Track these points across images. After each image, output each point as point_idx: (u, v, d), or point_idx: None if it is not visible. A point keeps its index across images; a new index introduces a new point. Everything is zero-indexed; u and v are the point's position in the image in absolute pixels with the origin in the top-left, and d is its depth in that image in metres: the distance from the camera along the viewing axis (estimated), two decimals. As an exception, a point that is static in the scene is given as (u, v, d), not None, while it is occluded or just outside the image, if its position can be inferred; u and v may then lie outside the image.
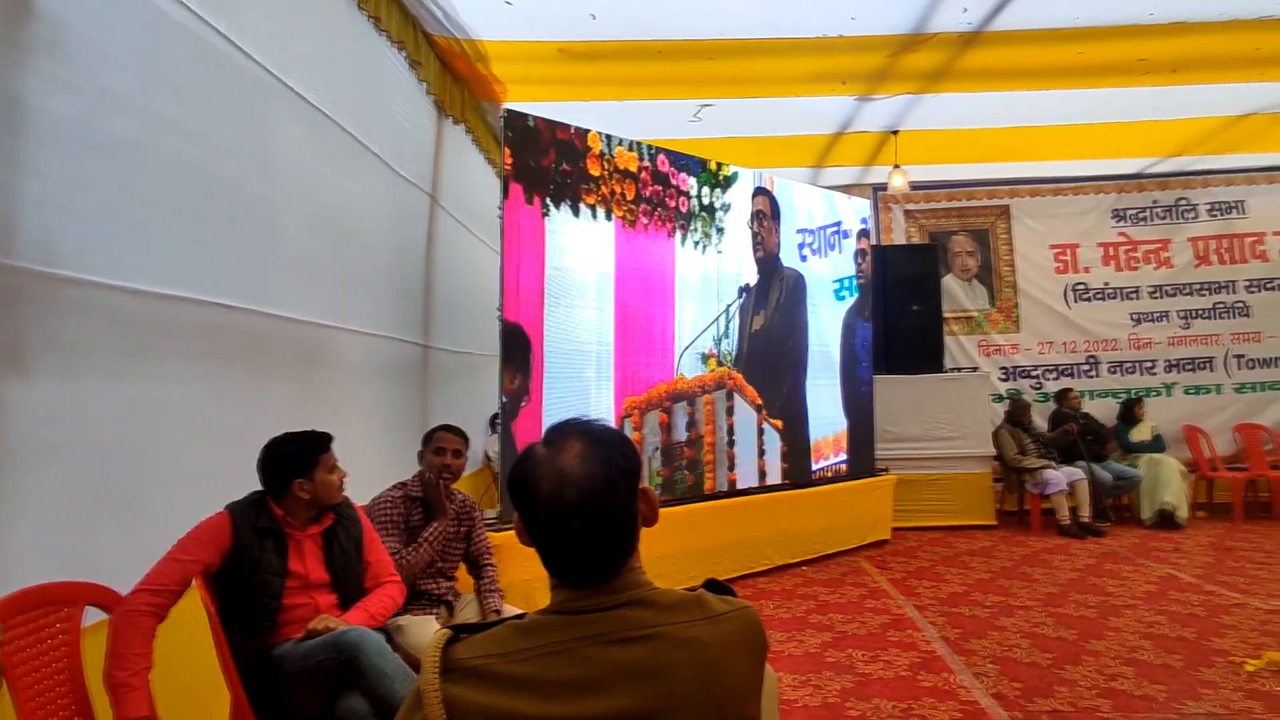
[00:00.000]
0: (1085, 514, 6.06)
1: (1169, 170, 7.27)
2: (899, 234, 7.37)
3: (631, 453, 1.03)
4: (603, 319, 4.52)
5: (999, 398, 6.97)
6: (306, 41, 3.13)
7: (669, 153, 4.93)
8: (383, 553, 2.45)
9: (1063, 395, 6.82)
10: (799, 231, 5.71)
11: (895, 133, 6.11)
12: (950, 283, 7.29)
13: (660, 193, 4.84)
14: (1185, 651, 3.48)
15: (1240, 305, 7.21)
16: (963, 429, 6.32)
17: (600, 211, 4.51)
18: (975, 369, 7.06)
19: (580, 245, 4.41)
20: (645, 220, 4.73)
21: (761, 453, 5.25)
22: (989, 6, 4.33)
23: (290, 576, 2.16)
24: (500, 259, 4.02)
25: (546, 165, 4.26)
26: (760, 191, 5.49)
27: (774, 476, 5.32)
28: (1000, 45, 4.71)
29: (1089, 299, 7.30)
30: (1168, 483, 6.18)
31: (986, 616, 4.04)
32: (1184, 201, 7.31)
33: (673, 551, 4.40)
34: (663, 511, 1.14)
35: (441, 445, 2.89)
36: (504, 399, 3.98)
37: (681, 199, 4.96)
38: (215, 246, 2.53)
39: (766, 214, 5.50)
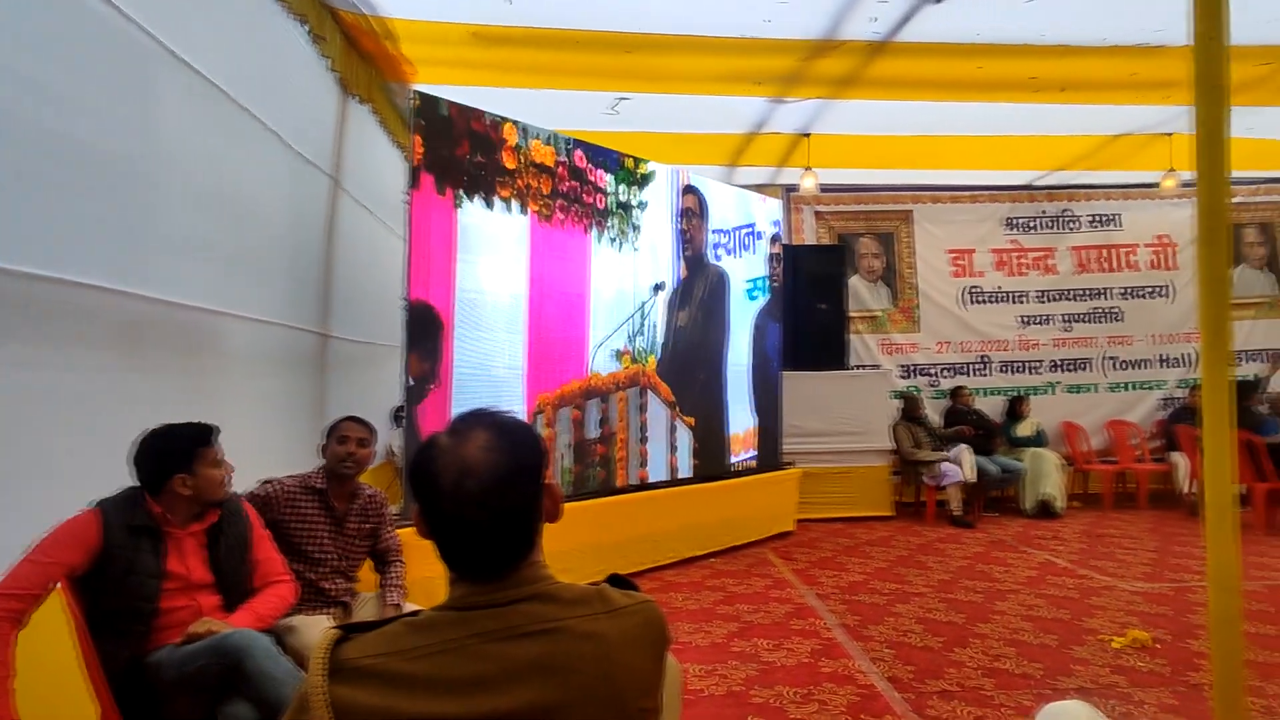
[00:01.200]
0: (956, 510, 6.41)
1: (1055, 183, 7.78)
2: (809, 234, 7.58)
3: (538, 446, 1.02)
4: (515, 314, 4.44)
5: (898, 394, 7.27)
6: (197, 7, 2.93)
7: (586, 148, 4.90)
8: (272, 550, 2.32)
9: (956, 392, 7.22)
10: (714, 232, 5.79)
11: (807, 135, 6.27)
12: (856, 283, 7.57)
13: (577, 189, 4.80)
14: (1060, 631, 3.74)
15: (1114, 310, 7.78)
16: (864, 424, 6.59)
17: (515, 205, 4.43)
18: (877, 367, 7.37)
19: (494, 239, 4.32)
20: (561, 216, 4.69)
21: (673, 449, 5.30)
22: (896, 18, 4.49)
23: (168, 578, 2.02)
24: (407, 248, 3.89)
25: (460, 156, 4.14)
26: (690, 190, 5.57)
27: (685, 473, 5.39)
28: (906, 56, 4.90)
29: (982, 302, 7.72)
30: (1047, 475, 6.63)
31: (884, 603, 4.22)
32: (1068, 213, 7.83)
33: (581, 546, 4.39)
34: (572, 506, 1.12)
35: (345, 434, 2.76)
36: (409, 380, 3.86)
37: (598, 196, 4.93)
38: (90, 223, 2.33)
39: (695, 212, 5.56)
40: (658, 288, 5.29)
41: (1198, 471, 6.60)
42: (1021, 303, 7.73)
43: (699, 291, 5.55)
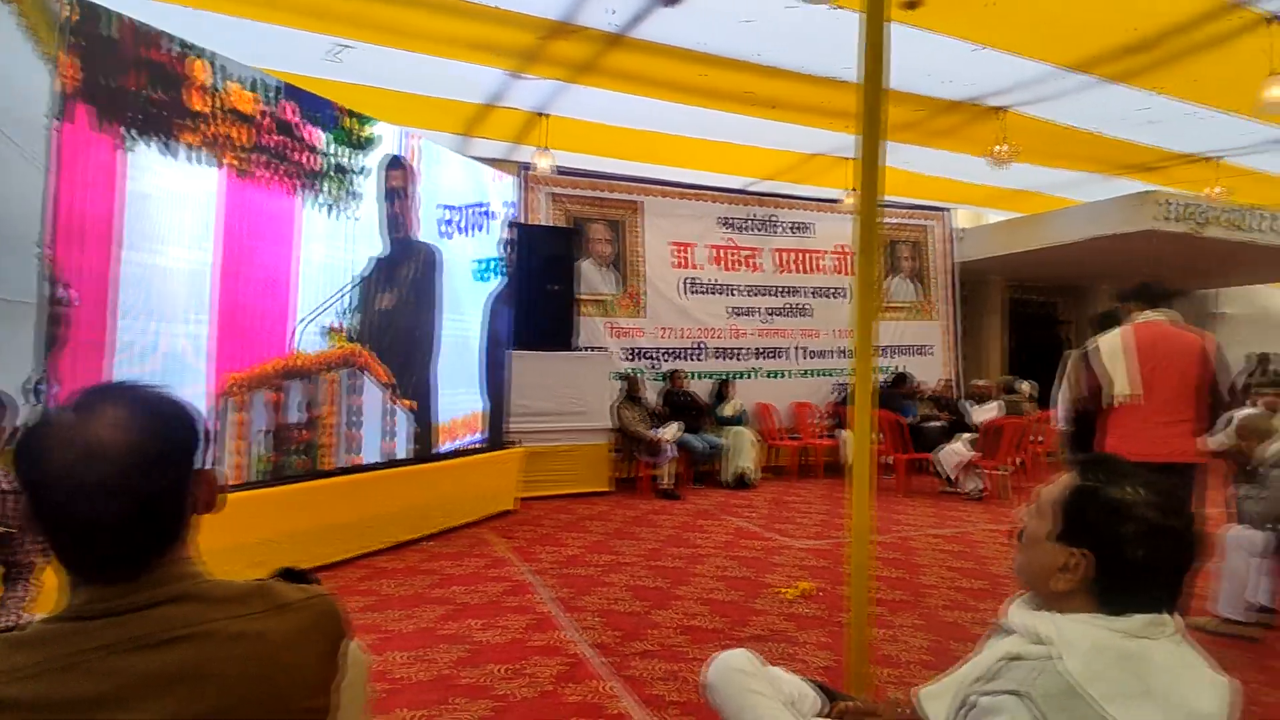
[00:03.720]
0: (666, 484, 6.93)
1: (764, 190, 8.70)
2: (543, 214, 7.62)
3: (190, 425, 0.88)
4: (200, 281, 3.86)
5: (621, 375, 7.64)
6: None
7: (299, 98, 4.39)
8: None
9: (673, 375, 7.78)
10: (442, 207, 5.54)
11: (545, 115, 6.28)
12: (587, 267, 7.78)
13: (284, 145, 4.28)
14: (745, 588, 4.20)
15: (806, 307, 8.93)
16: (588, 404, 6.84)
17: (204, 156, 3.83)
18: (603, 349, 7.66)
19: (173, 192, 3.69)
20: (264, 173, 4.15)
21: (390, 434, 5.00)
22: (631, 13, 4.66)
23: None
24: (50, 190, 3.17)
25: (129, 88, 3.47)
26: (395, 164, 5.15)
27: (403, 458, 5.13)
28: (640, 52, 5.12)
29: (699, 292, 8.40)
30: (745, 450, 7.45)
31: (597, 574, 4.41)
32: (773, 218, 8.79)
33: (278, 535, 3.99)
34: (268, 493, 0.97)
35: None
36: (49, 347, 3.17)
37: (310, 155, 4.45)
38: None
39: (402, 190, 5.19)
40: (377, 261, 4.95)
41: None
42: (732, 295, 8.55)
43: (408, 272, 5.24)
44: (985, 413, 7.80)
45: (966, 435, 7.46)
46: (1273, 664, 3.29)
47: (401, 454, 5.11)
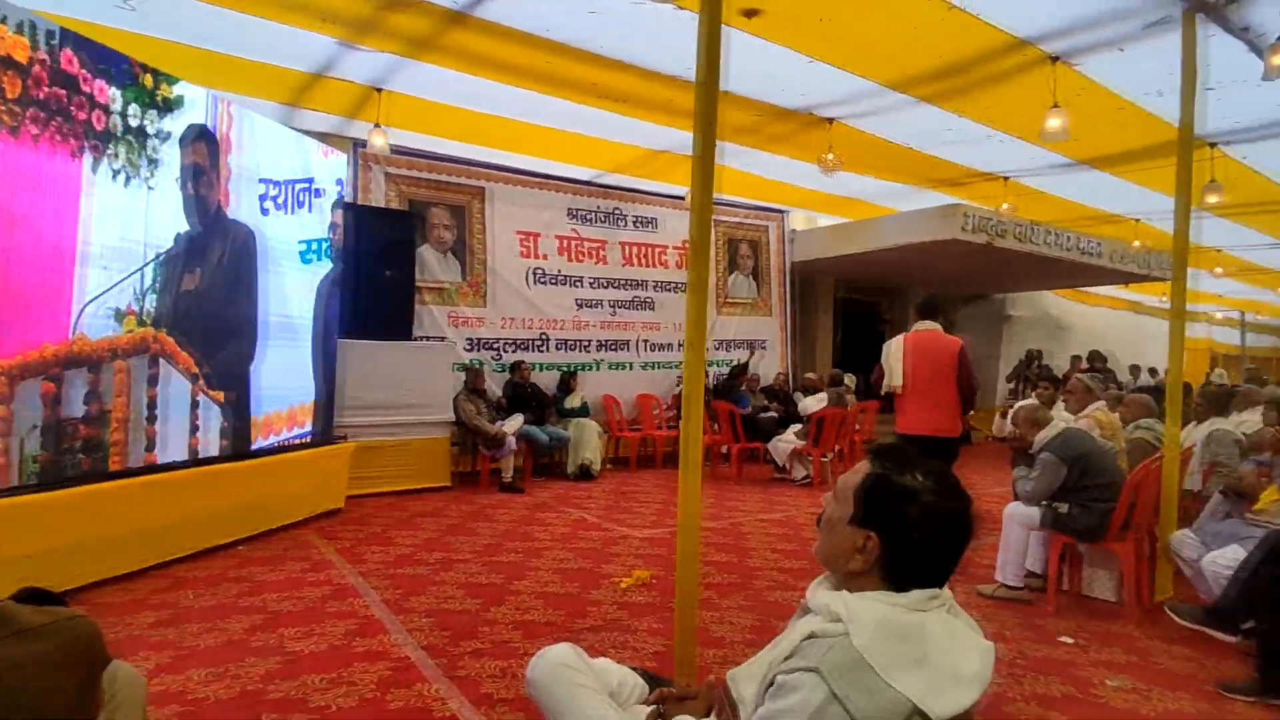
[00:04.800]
0: (508, 477, 6.83)
1: (611, 183, 8.74)
2: (379, 195, 7.22)
3: None
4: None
5: (461, 366, 7.42)
6: None
7: (83, 46, 3.83)
8: None
9: (517, 366, 7.65)
10: (263, 181, 5.08)
11: (380, 90, 5.93)
12: (426, 252, 7.47)
13: (64, 99, 3.73)
14: (582, 579, 4.21)
15: (649, 301, 9.10)
16: (426, 396, 6.56)
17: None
18: (443, 339, 7.39)
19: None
20: (35, 130, 3.59)
21: (195, 429, 4.52)
22: (473, -11, 4.49)
23: None
24: None
25: None
26: (200, 137, 4.61)
27: (212, 454, 4.66)
28: (483, 33, 4.94)
29: (546, 283, 8.32)
30: (588, 442, 7.47)
31: (428, 573, 4.24)
32: (619, 211, 8.88)
33: (50, 549, 3.50)
34: (43, 497, 0.81)
35: None
36: None
37: (97, 113, 3.91)
38: None
39: (205, 166, 4.66)
40: (185, 238, 4.45)
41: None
42: (578, 287, 8.55)
43: (217, 253, 4.74)
44: (814, 404, 8.33)
45: (796, 425, 7.93)
46: (1041, 623, 3.74)
47: (211, 451, 4.63)
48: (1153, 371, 13.04)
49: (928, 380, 4.68)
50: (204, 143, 4.61)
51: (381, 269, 6.50)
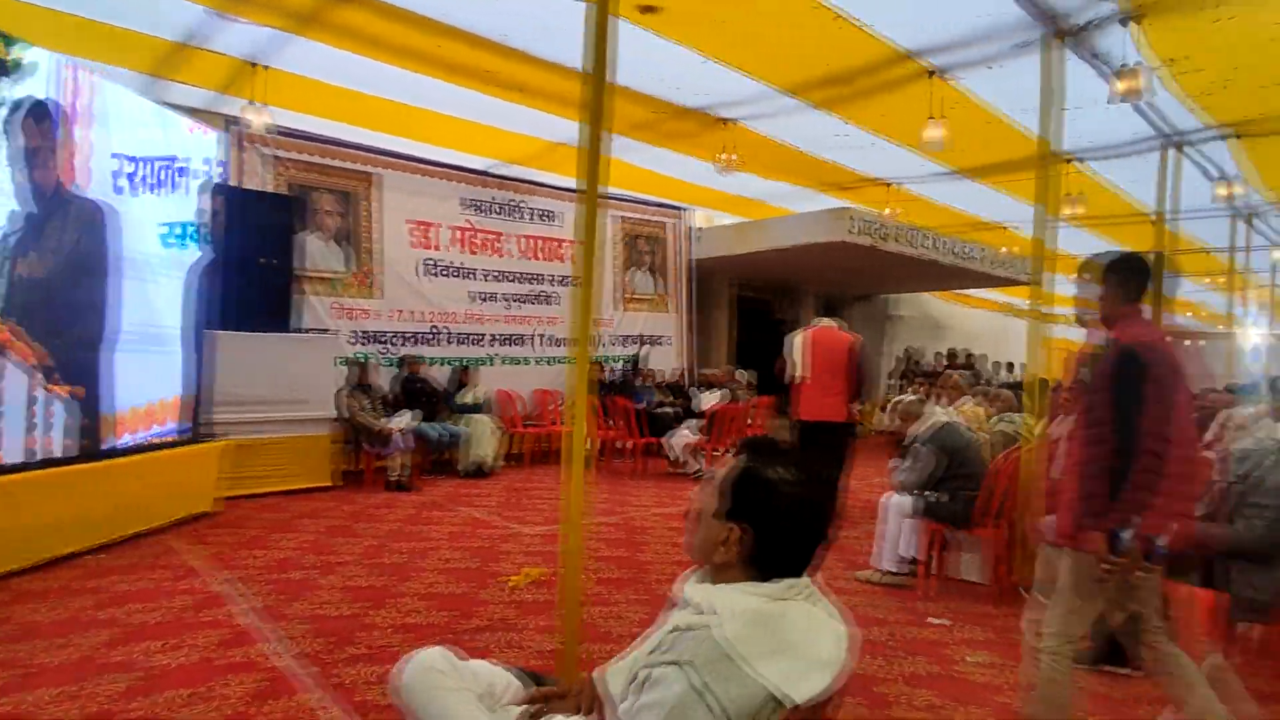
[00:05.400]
0: (397, 476, 6.57)
1: (510, 174, 8.57)
2: (258, 178, 6.78)
3: None
4: None
5: (348, 360, 7.11)
6: None
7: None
8: None
9: (409, 361, 7.39)
10: (116, 157, 4.65)
11: (260, 66, 5.57)
12: (310, 240, 7.08)
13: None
14: (471, 579, 4.11)
15: (549, 295, 9.00)
16: (307, 391, 6.22)
17: None
18: (328, 331, 7.04)
19: None
20: None
21: (33, 427, 4.07)
22: (361, -35, 4.28)
23: None
24: None
25: None
26: (35, 113, 4.15)
27: (59, 454, 4.23)
28: (373, 12, 4.72)
29: (440, 275, 8.08)
30: (483, 439, 7.31)
31: (308, 578, 4.03)
32: (518, 203, 8.73)
33: None
34: None
35: None
36: None
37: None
38: None
39: (46, 145, 4.19)
40: (26, 217, 4.02)
41: (596, 432, 8.11)
42: (474, 279, 8.34)
43: (63, 234, 4.29)
44: (711, 400, 8.50)
45: (694, 420, 8.06)
46: (915, 605, 3.95)
47: (55, 451, 4.22)
48: (1009, 367, 13.99)
49: (823, 372, 5.19)
50: (45, 111, 4.18)
51: (258, 256, 6.10)
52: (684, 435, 7.74)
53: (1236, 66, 4.98)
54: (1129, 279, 2.34)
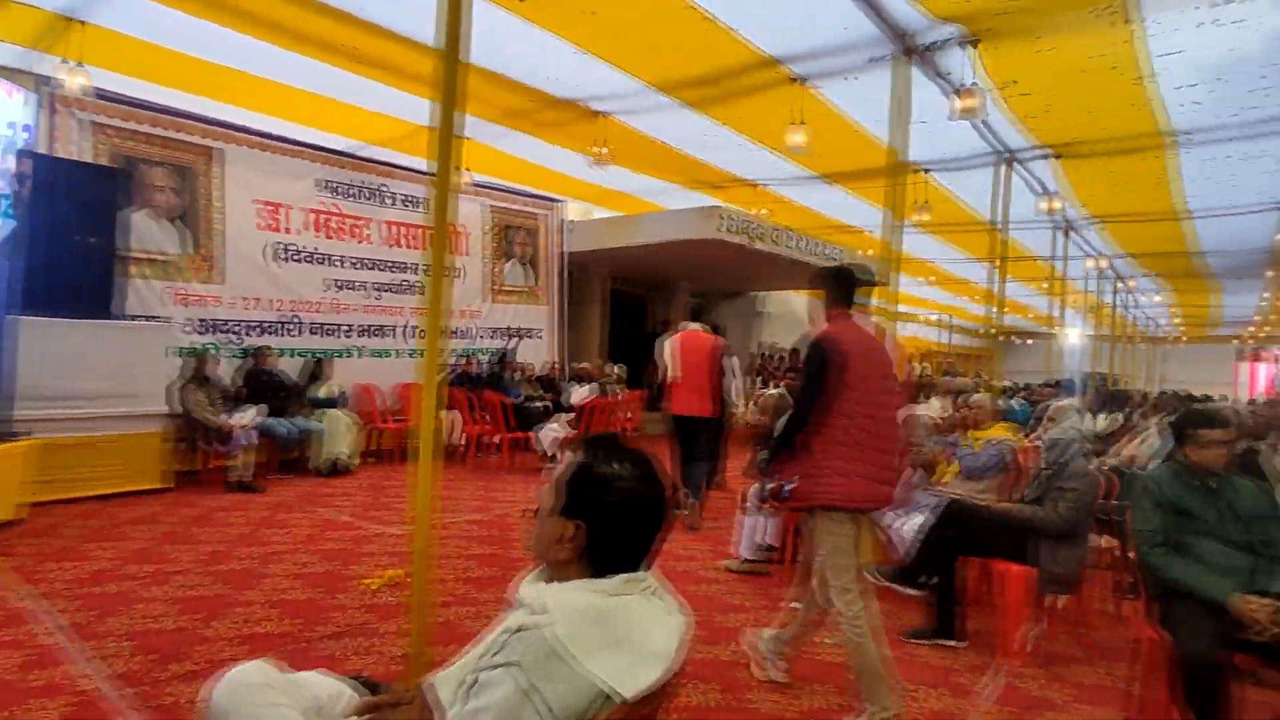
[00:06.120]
0: (239, 475, 6.10)
1: (374, 156, 8.14)
2: (77, 146, 6.03)
3: None
4: None
5: (187, 351, 6.52)
6: None
7: None
8: None
9: (259, 352, 6.87)
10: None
11: (77, 21, 4.97)
12: (141, 219, 6.39)
13: None
14: (326, 584, 3.88)
15: (415, 284, 8.64)
16: (135, 384, 5.63)
17: None
18: (160, 318, 6.40)
19: None
20: None
21: None
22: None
23: None
24: None
25: None
26: None
27: None
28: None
29: (294, 260, 7.54)
30: (341, 435, 6.93)
31: (132, 589, 3.66)
32: (384, 188, 8.30)
33: None
34: None
35: None
36: None
37: None
38: None
39: None
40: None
41: (465, 426, 7.90)
42: (335, 266, 7.86)
43: None
44: (582, 394, 8.48)
45: (564, 414, 8.01)
46: (775, 590, 4.11)
47: None
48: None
49: (692, 372, 5.55)
50: None
51: (76, 233, 5.44)
52: (554, 429, 7.67)
53: (1056, 93, 5.52)
54: (833, 287, 2.81)
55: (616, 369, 9.82)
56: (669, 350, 5.65)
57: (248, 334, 7.11)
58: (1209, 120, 5.76)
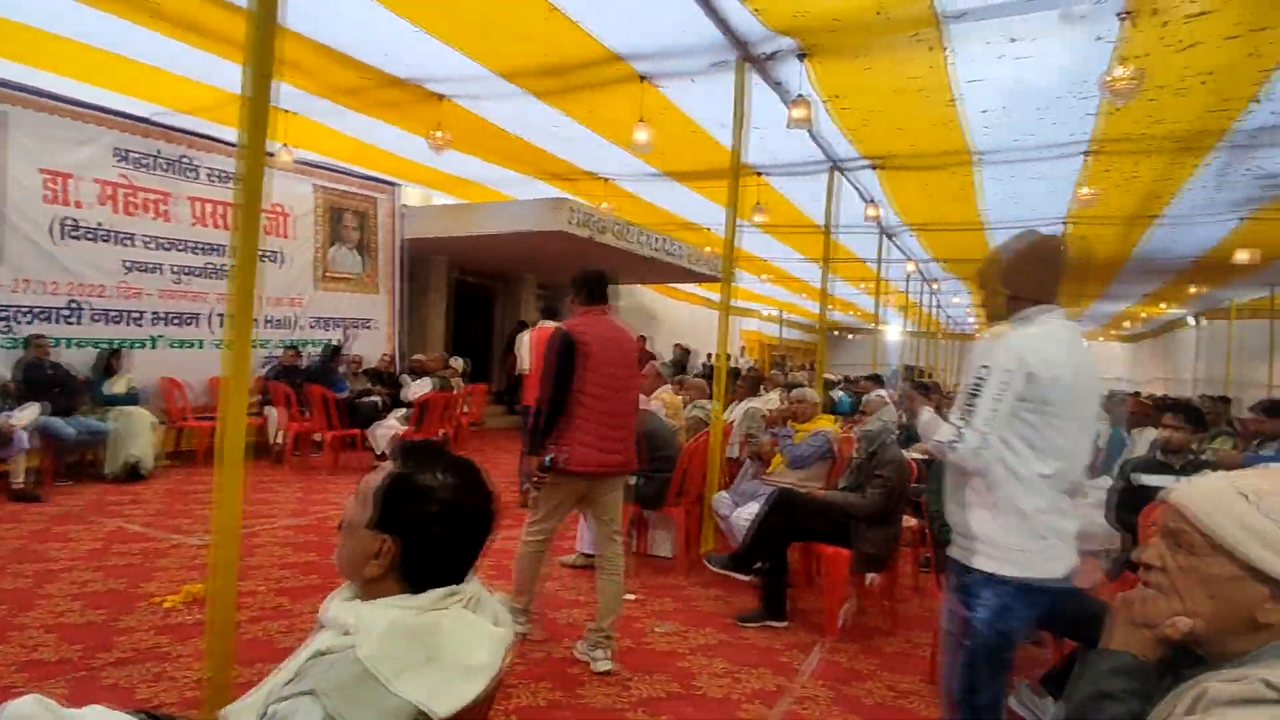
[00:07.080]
0: (20, 482, 5.31)
1: (178, 125, 7.27)
2: None
3: None
4: None
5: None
6: None
7: None
8: None
9: (34, 342, 5.95)
10: None
11: None
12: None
13: None
14: (113, 603, 3.45)
15: (228, 268, 7.84)
16: None
17: None
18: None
19: None
20: None
21: None
22: None
23: None
24: None
25: None
26: None
27: None
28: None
29: (79, 238, 6.58)
30: (136, 435, 6.14)
31: None
32: (188, 160, 7.44)
33: None
34: None
35: None
36: None
37: None
38: None
39: None
40: None
41: (287, 423, 7.30)
42: (128, 245, 6.94)
43: None
44: (421, 388, 8.12)
45: (402, 410, 7.64)
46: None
47: None
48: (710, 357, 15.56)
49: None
50: None
51: None
52: (390, 426, 7.30)
53: (874, 109, 5.96)
54: (582, 288, 3.29)
55: (459, 362, 9.50)
56: (523, 344, 5.94)
57: (25, 321, 6.14)
58: (1004, 142, 6.47)
